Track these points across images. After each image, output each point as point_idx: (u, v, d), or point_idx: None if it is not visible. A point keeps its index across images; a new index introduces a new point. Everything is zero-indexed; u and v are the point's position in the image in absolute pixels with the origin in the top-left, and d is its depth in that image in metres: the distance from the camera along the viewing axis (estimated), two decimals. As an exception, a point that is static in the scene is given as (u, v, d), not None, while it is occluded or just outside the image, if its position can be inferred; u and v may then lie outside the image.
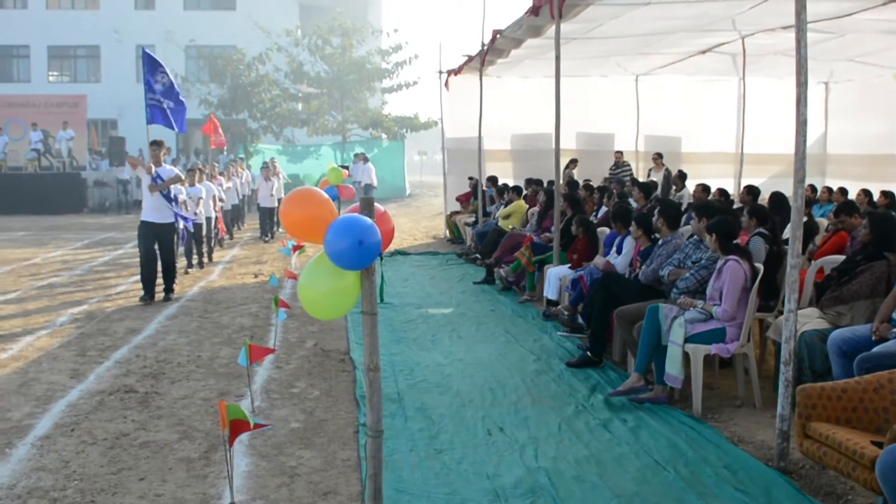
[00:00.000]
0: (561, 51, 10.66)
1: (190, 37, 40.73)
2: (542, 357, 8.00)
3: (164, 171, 11.36)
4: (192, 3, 43.40)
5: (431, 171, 63.57)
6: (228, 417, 4.34)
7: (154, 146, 11.51)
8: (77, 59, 43.47)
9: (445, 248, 17.47)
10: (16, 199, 28.41)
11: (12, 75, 42.86)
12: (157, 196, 11.17)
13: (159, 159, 11.40)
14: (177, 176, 11.59)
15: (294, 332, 9.17)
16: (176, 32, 40.99)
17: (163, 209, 11.24)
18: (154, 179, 11.11)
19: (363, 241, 3.29)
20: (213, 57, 37.29)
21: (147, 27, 41.22)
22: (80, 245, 18.84)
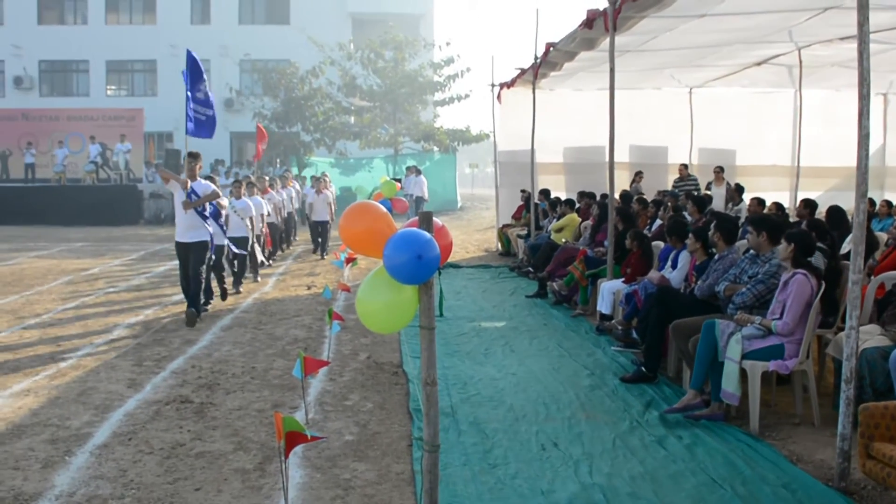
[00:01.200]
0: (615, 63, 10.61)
1: (244, 51, 41.25)
2: (595, 372, 7.95)
3: (200, 185, 10.63)
4: (246, 17, 43.95)
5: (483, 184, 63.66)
6: (284, 429, 4.35)
7: (191, 158, 10.79)
8: (134, 73, 44.20)
9: (497, 261, 17.45)
10: (74, 211, 28.96)
11: (72, 90, 43.70)
12: (192, 213, 10.42)
13: (195, 173, 10.69)
14: (213, 192, 10.71)
15: (347, 345, 9.21)
16: (231, 47, 41.56)
17: (197, 227, 10.49)
18: (189, 195, 10.35)
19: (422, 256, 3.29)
20: (266, 70, 37.67)
21: (202, 41, 41.67)
22: (137, 256, 19.12)
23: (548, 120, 17.64)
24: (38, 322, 10.80)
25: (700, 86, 18.60)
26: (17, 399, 7.13)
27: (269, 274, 15.74)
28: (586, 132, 18.70)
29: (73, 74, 44.02)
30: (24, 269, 16.54)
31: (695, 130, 19.62)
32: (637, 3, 9.67)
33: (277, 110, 35.86)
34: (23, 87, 42.32)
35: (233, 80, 40.92)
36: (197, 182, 10.60)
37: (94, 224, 28.32)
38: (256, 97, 37.63)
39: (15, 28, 42.24)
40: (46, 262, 18.04)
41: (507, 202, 20.07)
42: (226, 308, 11.82)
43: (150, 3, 43.57)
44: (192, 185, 10.40)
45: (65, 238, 24.31)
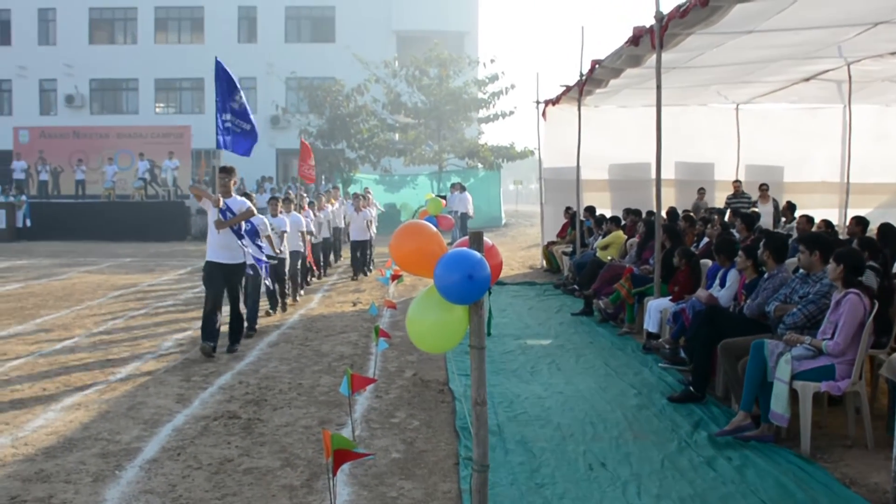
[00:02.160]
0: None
1: (290, 69, 41.70)
2: (642, 391, 7.88)
3: (235, 202, 9.77)
4: (292, 35, 44.45)
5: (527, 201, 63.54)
6: (333, 447, 4.36)
7: (223, 173, 9.92)
8: (182, 91, 44.87)
9: (543, 279, 17.40)
10: (123, 227, 29.39)
11: (122, 107, 44.46)
12: (227, 232, 9.63)
13: (229, 189, 9.87)
14: (249, 210, 9.84)
15: (393, 362, 9.23)
16: (277, 65, 42.06)
17: (233, 248, 9.71)
18: (222, 213, 9.53)
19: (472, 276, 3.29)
20: (312, 88, 38.04)
21: (249, 60, 42.33)
22: (184, 272, 19.32)
23: (593, 137, 17.59)
24: (89, 336, 10.95)
25: (747, 102, 18.44)
26: (68, 413, 7.23)
27: (315, 290, 15.84)
28: (631, 149, 18.63)
29: (122, 93, 44.79)
30: (74, 284, 16.80)
31: (742, 147, 19.43)
32: (684, 20, 9.63)
33: (323, 127, 36.18)
34: (74, 105, 43.16)
35: (279, 97, 41.40)
36: (231, 199, 9.78)
37: (143, 240, 28.70)
38: (302, 114, 38.06)
39: (67, 48, 43.11)
40: (96, 277, 18.31)
41: (552, 219, 20.02)
42: (272, 324, 11.89)
43: (199, 23, 44.24)
44: (225, 203, 9.59)
45: (113, 253, 24.64)
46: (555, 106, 18.62)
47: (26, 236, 30.11)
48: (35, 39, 44.24)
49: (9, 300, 14.36)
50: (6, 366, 9.08)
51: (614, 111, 18.71)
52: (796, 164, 19.11)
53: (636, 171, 19.11)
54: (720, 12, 9.20)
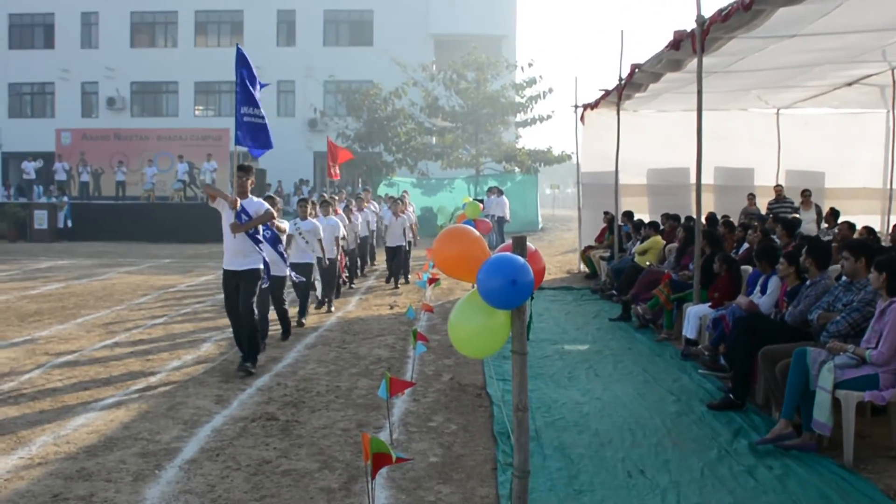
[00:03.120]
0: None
1: (329, 72, 41.98)
2: (681, 398, 7.81)
3: (251, 203, 9.01)
4: (331, 39, 44.67)
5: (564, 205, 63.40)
6: (371, 450, 4.36)
7: (240, 172, 9.13)
8: (221, 94, 45.22)
9: (580, 284, 17.32)
10: (162, 228, 29.68)
11: (162, 110, 44.93)
12: (242, 238, 8.89)
13: (246, 189, 9.08)
14: (267, 212, 9.07)
15: (431, 365, 9.23)
16: (315, 68, 42.35)
17: (248, 253, 8.96)
18: (238, 215, 8.80)
19: (516, 281, 3.28)
20: (350, 91, 38.22)
21: (287, 63, 42.68)
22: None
23: (631, 141, 17.49)
24: (129, 337, 11.06)
25: (788, 107, 18.26)
26: (108, 412, 7.30)
27: (352, 293, 15.89)
28: (670, 154, 18.50)
29: (162, 95, 45.25)
30: (114, 285, 16.98)
31: (782, 152, 19.23)
32: (726, 24, 9.57)
33: (360, 131, 36.37)
34: (115, 107, 43.69)
35: (317, 100, 41.64)
36: (248, 200, 9.02)
37: (181, 241, 28.95)
38: (340, 118, 38.28)
39: (109, 51, 43.65)
40: (136, 277, 18.50)
41: (590, 224, 19.93)
42: (310, 327, 11.93)
43: (238, 27, 44.58)
44: (242, 204, 8.87)
45: (153, 254, 24.89)
46: (593, 110, 18.54)
47: (67, 237, 30.50)
48: (78, 43, 44.83)
49: (50, 300, 14.54)
50: (47, 365, 9.20)
51: (653, 115, 18.59)
52: (837, 170, 18.84)
53: (675, 176, 18.96)
54: (763, 16, 9.13)
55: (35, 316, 12.64)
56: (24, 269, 20.44)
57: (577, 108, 19.68)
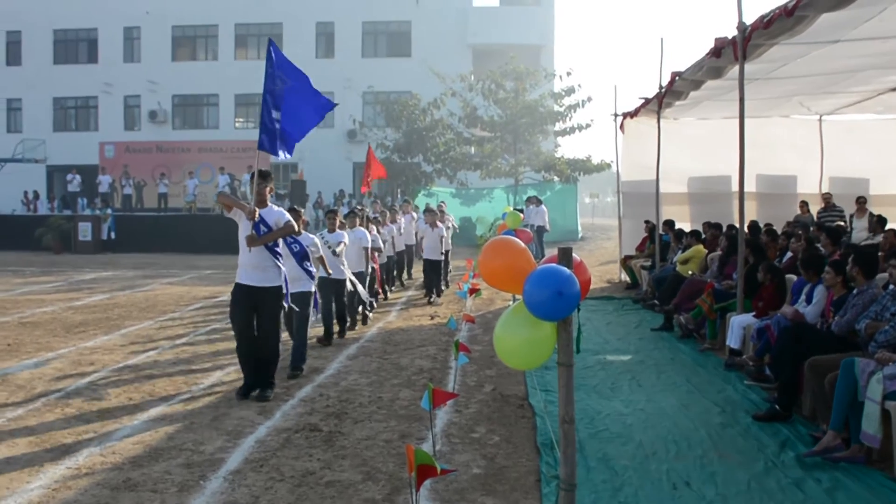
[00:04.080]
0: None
1: (367, 83, 42.18)
2: (726, 409, 7.73)
3: (271, 213, 8.31)
4: (369, 50, 44.89)
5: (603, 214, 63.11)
6: (416, 462, 4.36)
7: (259, 179, 8.37)
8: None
9: (621, 293, 17.21)
10: (204, 239, 29.93)
11: (203, 122, 45.41)
12: (260, 251, 8.18)
13: (265, 198, 8.38)
14: (288, 225, 8.34)
15: (472, 376, 9.21)
16: (354, 79, 42.55)
17: (266, 268, 8.19)
18: (256, 226, 8.11)
19: (562, 292, 3.26)
20: (389, 102, 38.36)
21: (327, 75, 42.80)
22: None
23: (671, 149, 17.38)
24: (172, 347, 11.15)
25: (830, 113, 18.02)
26: (153, 423, 7.36)
27: (392, 304, 15.90)
28: (711, 161, 18.38)
29: (203, 108, 45.73)
30: (157, 296, 17.15)
31: (825, 159, 19.00)
32: (768, 31, 9.48)
33: (399, 141, 36.49)
34: (157, 120, 44.20)
35: (356, 111, 41.83)
36: (268, 209, 8.32)
37: (222, 252, 29.04)
38: (379, 128, 38.42)
39: (151, 65, 44.21)
40: (178, 288, 18.67)
41: (630, 233, 19.81)
42: (351, 337, 11.97)
43: (277, 39, 44.73)
44: (260, 214, 8.17)
45: (195, 265, 25.12)
46: (633, 119, 18.45)
47: (111, 248, 30.87)
48: (120, 57, 45.44)
49: (95, 311, 14.71)
50: (93, 375, 9.30)
51: (693, 123, 18.46)
52: (882, 176, 18.56)
53: (716, 184, 18.82)
54: (806, 22, 9.04)
55: (80, 327, 12.80)
56: (69, 280, 20.71)
57: (616, 116, 19.59)
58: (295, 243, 9.09)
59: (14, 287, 18.90)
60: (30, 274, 22.47)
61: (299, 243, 9.19)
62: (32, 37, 45.59)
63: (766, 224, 15.11)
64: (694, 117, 18.10)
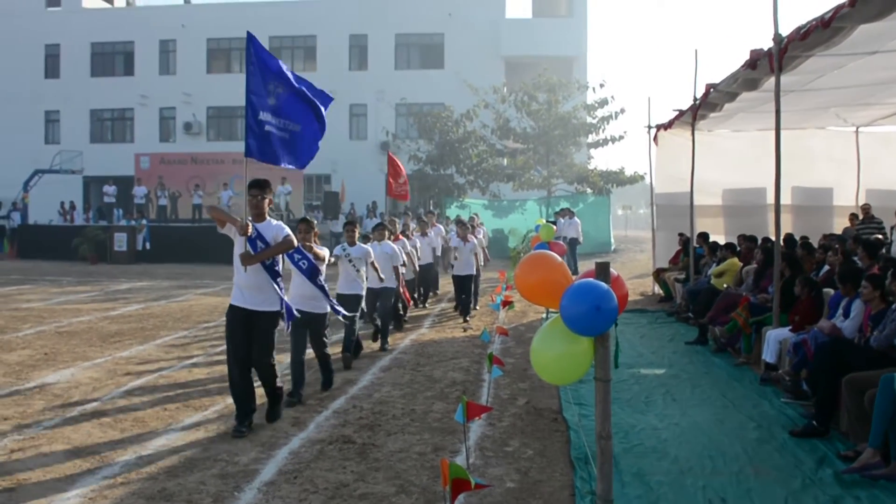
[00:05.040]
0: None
1: (400, 95, 42.33)
2: (762, 424, 7.64)
3: (269, 228, 7.51)
4: (402, 62, 45.05)
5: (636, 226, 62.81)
6: (450, 475, 4.35)
7: (255, 189, 7.52)
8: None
9: (654, 306, 17.11)
10: (238, 250, 30.05)
11: (237, 134, 45.65)
12: (257, 270, 7.40)
13: (262, 211, 7.55)
14: (286, 240, 7.49)
15: (505, 389, 9.18)
16: (387, 91, 42.74)
17: (263, 289, 7.45)
18: (252, 242, 7.35)
19: (600, 307, 3.25)
20: (422, 114, 38.46)
21: (360, 86, 43.19)
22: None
23: (706, 161, 17.28)
24: (206, 358, 11.22)
25: (867, 124, 17.84)
26: (188, 433, 7.40)
27: (425, 316, 15.90)
28: (746, 174, 18.23)
29: (238, 120, 45.97)
30: (191, 306, 17.27)
31: (862, 171, 18.80)
32: (804, 42, 9.41)
33: (432, 153, 36.56)
34: (192, 132, 44.61)
35: (389, 123, 42.00)
36: (265, 223, 7.55)
37: (256, 263, 29.29)
38: (412, 140, 38.52)
39: (186, 77, 44.64)
40: (213, 299, 18.79)
41: (664, 245, 19.70)
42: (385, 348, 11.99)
43: (311, 52, 45.27)
44: (256, 229, 7.41)
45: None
46: (667, 131, 18.37)
47: (146, 259, 31.14)
48: (156, 70, 45.95)
49: (130, 321, 14.84)
50: (128, 385, 9.37)
51: (728, 135, 18.34)
52: (921, 189, 18.36)
53: (751, 197, 18.67)
54: (843, 33, 8.96)
55: (116, 337, 12.91)
56: (105, 290, 20.91)
57: (650, 128, 19.51)
58: (302, 259, 8.54)
59: (51, 296, 19.11)
60: (66, 283, 22.72)
61: (307, 259, 8.58)
62: (70, 50, 46.27)
63: (802, 237, 14.98)
64: (728, 129, 17.98)
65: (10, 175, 39.71)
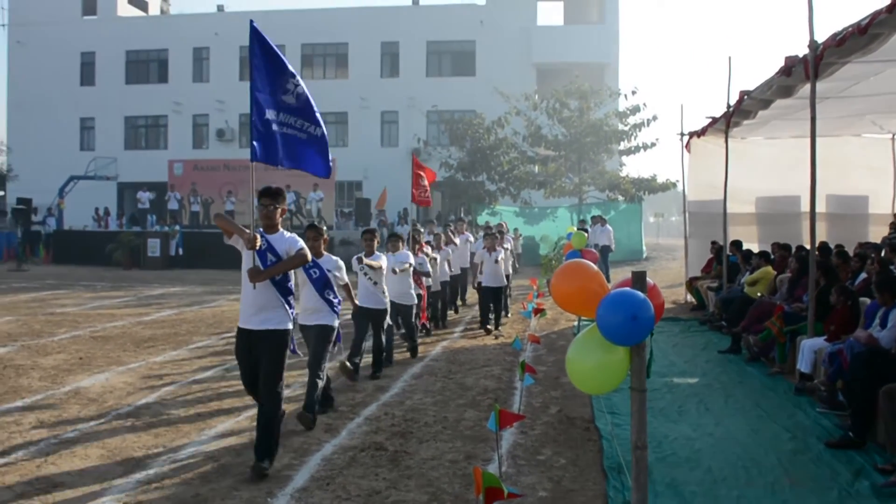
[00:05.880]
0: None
1: (432, 102, 42.47)
2: (797, 435, 7.56)
3: (282, 241, 6.61)
4: (433, 70, 45.17)
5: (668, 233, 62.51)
6: (483, 484, 4.34)
7: (267, 198, 6.72)
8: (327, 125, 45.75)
9: (687, 315, 16.99)
10: (270, 256, 30.21)
11: (269, 141, 46.04)
12: (267, 287, 6.46)
13: (274, 222, 6.69)
14: (299, 254, 6.54)
15: (537, 397, 9.15)
16: (418, 98, 42.88)
17: (273, 308, 6.49)
18: (261, 255, 6.43)
19: (637, 316, 3.23)
20: (453, 121, 38.51)
21: (391, 94, 43.39)
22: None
23: (739, 169, 17.14)
24: (239, 364, 11.25)
25: (904, 131, 17.65)
26: (221, 439, 7.44)
27: (456, 323, 15.90)
28: (779, 181, 18.07)
29: (270, 127, 46.35)
30: (224, 312, 17.37)
31: (899, 179, 18.58)
32: (841, 49, 9.31)
33: (463, 160, 36.61)
34: (224, 139, 44.95)
35: (420, 130, 42.13)
36: (277, 235, 6.66)
37: (288, 269, 29.42)
38: (443, 147, 38.59)
39: (218, 85, 44.98)
40: (245, 306, 18.82)
41: (697, 253, 19.56)
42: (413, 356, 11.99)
43: (343, 59, 45.52)
44: (268, 241, 6.54)
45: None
46: (700, 138, 18.25)
47: (179, 264, 31.37)
48: (189, 77, 46.39)
49: (163, 326, 14.95)
50: (162, 391, 9.44)
51: (761, 142, 18.19)
52: (957, 197, 18.12)
53: (784, 205, 18.51)
54: (880, 39, 8.85)
55: (149, 342, 13.01)
56: (139, 295, 21.09)
57: (682, 135, 19.40)
58: (314, 268, 8.02)
59: (86, 301, 19.31)
60: (100, 289, 22.94)
61: (319, 268, 8.07)
62: (106, 58, 46.86)
63: (837, 245, 14.81)
64: (762, 136, 17.83)
65: (45, 181, 40.20)
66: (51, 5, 46.65)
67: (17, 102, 47.30)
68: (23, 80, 47.14)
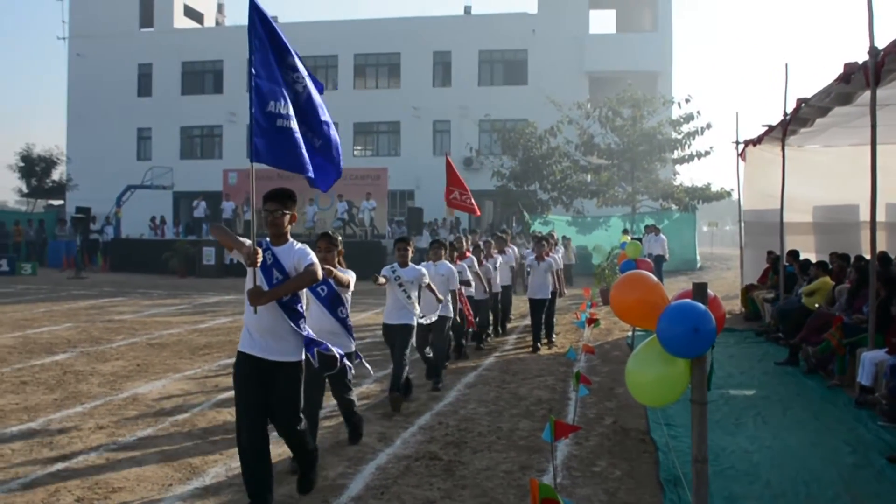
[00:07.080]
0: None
1: (484, 111, 42.50)
2: (858, 449, 7.42)
3: (291, 253, 5.67)
4: (485, 79, 45.24)
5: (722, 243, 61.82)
6: (540, 496, 4.31)
7: (272, 203, 5.71)
8: (379, 134, 46.55)
9: (742, 325, 16.77)
10: (323, 264, 30.45)
11: (322, 150, 46.41)
12: (272, 310, 5.57)
13: (282, 230, 5.72)
14: (309, 272, 5.51)
15: (592, 408, 9.09)
16: (470, 107, 42.99)
17: (282, 335, 5.61)
18: (267, 272, 5.59)
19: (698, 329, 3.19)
20: (505, 130, 38.48)
21: (443, 103, 43.54)
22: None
23: (795, 177, 16.88)
24: (293, 373, 11.31)
25: (968, 138, 17.25)
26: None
27: (510, 332, 15.84)
28: (837, 190, 17.77)
29: (323, 135, 46.74)
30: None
31: (961, 187, 18.17)
32: (902, 55, 9.15)
33: (516, 169, 36.59)
34: (280, 148, 45.31)
35: (472, 139, 42.23)
36: (286, 246, 5.72)
37: (341, 278, 29.58)
38: (495, 156, 38.63)
39: (273, 94, 45.35)
40: (298, 314, 18.96)
41: (752, 263, 19.33)
42: (469, 365, 11.97)
43: (395, 69, 45.79)
44: (273, 254, 5.65)
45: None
46: (755, 146, 18.04)
47: (233, 272, 31.61)
48: (244, 87, 46.78)
49: (218, 334, 15.11)
50: (217, 398, 9.55)
51: (819, 151, 17.90)
52: None
53: (842, 214, 18.20)
54: (943, 46, 8.70)
55: (205, 349, 13.16)
56: (194, 303, 21.36)
57: (737, 144, 19.20)
58: (322, 285, 7.12)
59: (142, 309, 19.59)
60: (156, 296, 23.27)
61: (327, 285, 7.17)
62: (162, 69, 47.72)
63: (895, 256, 14.53)
64: (819, 144, 17.55)
65: (103, 190, 41.00)
66: (109, 18, 47.65)
67: (76, 113, 48.36)
68: (82, 91, 48.18)
